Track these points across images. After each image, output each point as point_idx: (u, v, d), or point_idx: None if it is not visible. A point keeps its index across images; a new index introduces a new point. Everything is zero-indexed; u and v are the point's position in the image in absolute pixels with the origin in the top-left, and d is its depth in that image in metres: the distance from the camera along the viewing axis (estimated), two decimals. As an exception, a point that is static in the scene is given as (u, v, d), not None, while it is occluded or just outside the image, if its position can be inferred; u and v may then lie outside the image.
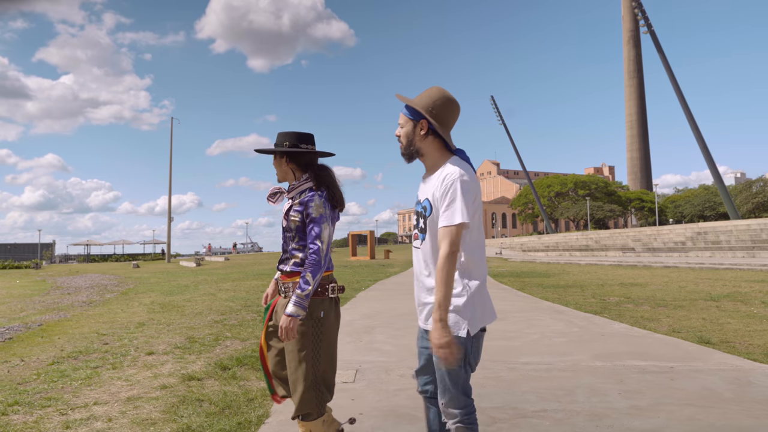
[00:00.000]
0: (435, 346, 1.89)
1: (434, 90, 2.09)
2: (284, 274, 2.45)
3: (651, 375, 4.01)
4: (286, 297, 2.43)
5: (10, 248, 65.87)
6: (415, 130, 2.09)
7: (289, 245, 2.44)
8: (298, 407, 2.33)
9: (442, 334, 1.87)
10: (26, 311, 12.28)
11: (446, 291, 1.91)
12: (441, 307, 1.90)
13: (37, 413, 3.49)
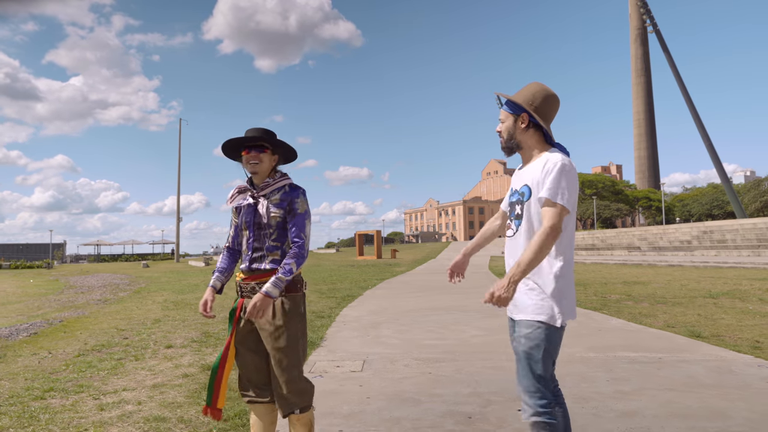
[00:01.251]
0: (493, 294, 1.87)
1: (534, 85, 2.15)
2: (258, 273, 2.40)
3: (639, 365, 4.28)
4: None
5: (22, 248, 66.78)
6: (516, 123, 2.13)
7: (266, 243, 2.41)
8: (302, 400, 2.35)
9: (508, 289, 1.86)
10: (43, 309, 12.69)
11: (533, 258, 1.88)
12: (521, 267, 1.87)
13: (72, 398, 3.81)
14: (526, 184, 2.08)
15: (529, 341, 1.98)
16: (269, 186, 2.46)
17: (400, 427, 3.01)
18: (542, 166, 2.03)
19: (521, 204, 2.09)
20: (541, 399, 1.96)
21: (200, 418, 3.25)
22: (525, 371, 1.99)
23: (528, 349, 1.98)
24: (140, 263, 43.32)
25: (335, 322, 7.16)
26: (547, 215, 1.95)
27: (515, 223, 2.12)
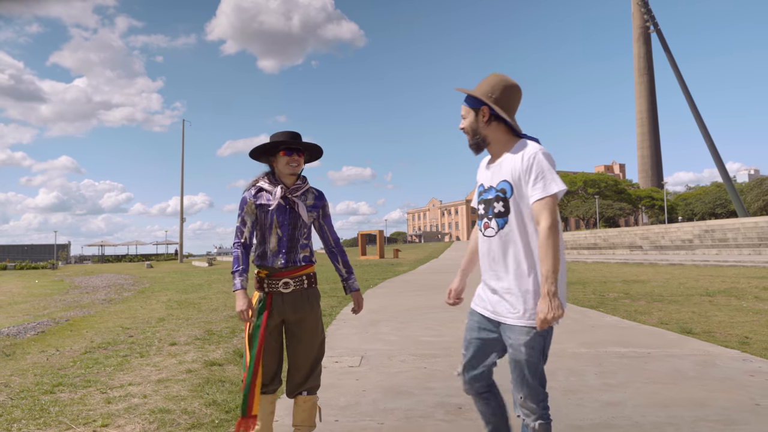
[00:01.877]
0: (542, 320, 1.84)
1: (492, 76, 2.08)
2: (293, 268, 2.56)
3: (628, 359, 4.42)
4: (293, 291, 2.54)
5: (27, 249, 67.21)
6: (478, 118, 2.07)
7: (299, 240, 2.60)
8: (315, 383, 2.60)
9: (554, 305, 1.83)
10: (50, 309, 12.88)
11: (554, 263, 1.85)
12: (549, 279, 1.84)
13: (80, 392, 3.97)
14: (504, 179, 2.03)
15: (530, 348, 1.95)
16: (300, 189, 2.62)
17: (394, 416, 3.16)
18: (521, 159, 1.97)
19: (504, 201, 2.02)
20: (544, 401, 2.00)
21: (203, 410, 3.40)
22: (528, 378, 1.98)
23: (530, 357, 1.95)
24: (144, 264, 43.57)
25: (336, 320, 7.30)
26: (543, 214, 1.91)
27: (496, 222, 2.04)
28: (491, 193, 2.07)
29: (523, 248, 1.99)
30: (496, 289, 2.06)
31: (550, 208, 1.90)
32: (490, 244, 2.08)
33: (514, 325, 1.98)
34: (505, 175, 2.02)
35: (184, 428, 3.08)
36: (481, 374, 2.17)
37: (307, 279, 2.61)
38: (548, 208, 1.91)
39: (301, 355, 2.58)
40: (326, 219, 2.74)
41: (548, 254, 1.86)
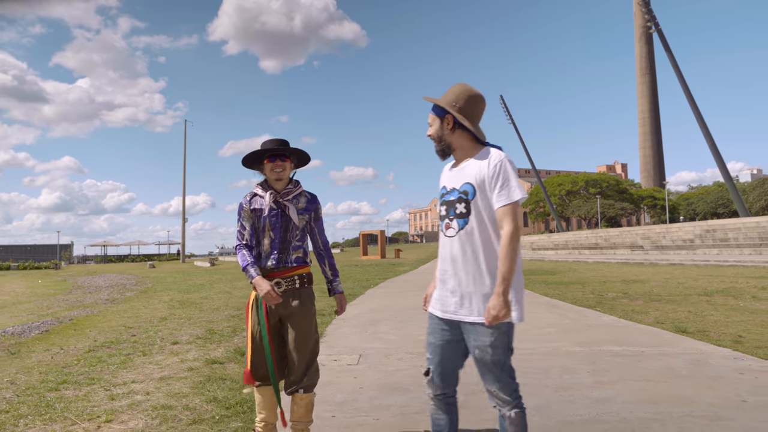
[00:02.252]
0: (492, 315, 1.94)
1: (457, 86, 2.19)
2: (284, 269, 2.68)
3: (621, 358, 4.50)
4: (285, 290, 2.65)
5: (30, 249, 67.48)
6: (443, 126, 2.18)
7: (292, 243, 2.72)
8: (311, 381, 2.65)
9: (504, 304, 1.94)
10: (53, 308, 12.99)
11: (511, 266, 1.97)
12: (506, 281, 1.95)
13: (84, 389, 4.07)
14: (468, 182, 2.10)
15: (495, 348, 2.02)
16: (291, 192, 2.76)
17: (389, 412, 3.24)
18: (487, 165, 2.06)
19: (466, 202, 2.10)
20: (516, 391, 2.09)
21: (204, 406, 3.49)
22: (497, 374, 2.05)
23: (495, 356, 2.03)
24: (146, 264, 43.74)
25: (336, 320, 7.39)
26: (506, 219, 2.01)
27: (458, 222, 2.11)
28: (454, 195, 2.15)
29: (483, 249, 2.07)
30: (456, 290, 2.12)
31: (512, 215, 2.01)
32: (451, 244, 2.14)
33: (477, 325, 2.05)
34: (469, 178, 2.11)
35: (185, 424, 3.17)
36: (449, 378, 2.21)
37: (299, 279, 2.70)
38: (510, 214, 2.02)
39: (294, 353, 2.66)
40: (317, 222, 2.83)
41: (507, 257, 1.97)
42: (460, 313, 2.10)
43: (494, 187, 2.05)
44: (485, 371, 2.09)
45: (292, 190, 2.76)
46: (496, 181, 2.04)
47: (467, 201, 2.10)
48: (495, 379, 2.06)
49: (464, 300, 2.09)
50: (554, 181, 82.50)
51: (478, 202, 2.08)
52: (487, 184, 2.06)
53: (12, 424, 3.25)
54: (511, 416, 2.07)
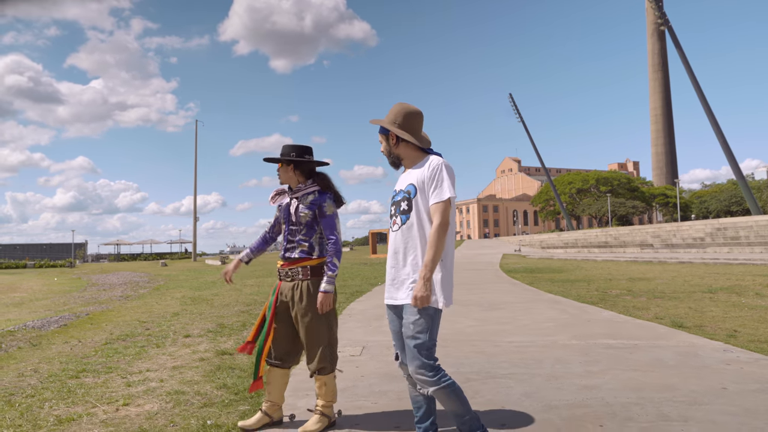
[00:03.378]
0: (415, 297, 2.22)
1: (396, 106, 2.53)
2: (290, 261, 2.98)
3: (614, 350, 4.66)
4: (292, 280, 2.96)
5: (46, 248, 68.64)
6: (389, 142, 2.53)
7: (296, 237, 2.99)
8: (317, 363, 2.89)
9: (425, 289, 2.22)
10: (69, 304, 13.37)
11: (435, 254, 2.25)
12: (428, 267, 2.24)
13: (103, 377, 4.32)
14: (411, 183, 2.44)
15: (416, 326, 2.30)
16: (301, 190, 3.04)
17: (387, 397, 3.45)
18: (428, 167, 2.41)
19: (408, 200, 2.43)
20: (435, 370, 2.30)
21: (214, 392, 3.72)
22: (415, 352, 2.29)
23: (416, 334, 2.29)
24: (159, 262, 44.34)
25: (342, 315, 7.60)
26: (436, 214, 2.32)
27: (401, 218, 2.44)
28: (400, 195, 2.50)
29: (420, 241, 2.38)
30: (396, 277, 2.42)
31: (441, 211, 2.32)
32: (395, 237, 2.47)
33: (406, 305, 2.36)
34: (412, 180, 2.45)
35: (197, 407, 3.40)
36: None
37: (302, 271, 2.95)
38: (440, 210, 2.32)
39: (303, 339, 2.96)
40: (323, 219, 2.99)
41: (432, 247, 2.27)
42: (398, 297, 2.42)
43: (430, 186, 2.37)
44: (408, 350, 2.34)
45: (302, 188, 3.04)
46: (432, 182, 2.37)
47: (409, 199, 2.43)
48: (414, 357, 2.30)
49: (402, 285, 2.40)
50: (564, 180, 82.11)
51: (418, 200, 2.40)
52: (426, 184, 2.39)
53: (38, 407, 3.50)
54: (428, 393, 2.31)
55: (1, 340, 6.66)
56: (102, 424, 3.11)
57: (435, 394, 2.30)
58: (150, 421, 3.14)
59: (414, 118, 2.50)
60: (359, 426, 2.98)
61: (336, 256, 2.95)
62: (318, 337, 2.92)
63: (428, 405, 2.49)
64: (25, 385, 4.13)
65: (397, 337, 2.50)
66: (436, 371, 2.30)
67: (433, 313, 2.32)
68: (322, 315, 2.93)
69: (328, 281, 2.90)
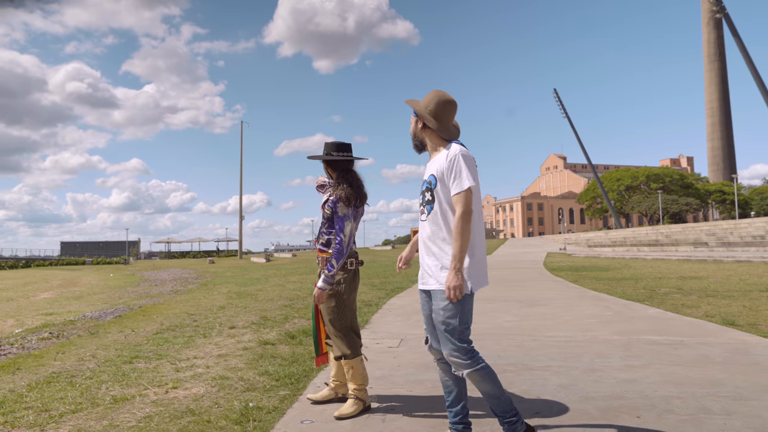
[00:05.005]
0: (448, 288, 2.27)
1: (432, 92, 2.56)
2: (319, 251, 3.21)
3: (658, 346, 4.53)
4: (319, 267, 3.22)
5: (102, 246, 72.37)
6: (417, 125, 2.59)
7: (321, 228, 3.19)
8: (342, 352, 3.09)
9: (456, 279, 2.27)
10: (124, 298, 14.09)
11: (462, 244, 2.29)
12: (457, 257, 2.29)
13: (154, 363, 4.57)
14: (432, 174, 2.48)
15: (446, 311, 2.35)
16: (329, 187, 3.22)
17: (422, 386, 3.50)
18: (446, 158, 2.43)
19: (431, 191, 2.48)
20: (468, 353, 2.35)
21: (257, 378, 3.88)
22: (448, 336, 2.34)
23: (446, 319, 2.34)
24: (206, 259, 45.83)
25: (381, 309, 7.70)
26: (458, 205, 2.35)
27: (427, 208, 2.50)
28: (424, 186, 2.55)
29: (445, 230, 2.43)
30: (427, 264, 2.48)
31: (463, 201, 2.34)
32: (423, 227, 2.54)
33: (435, 290, 2.41)
34: (433, 170, 2.49)
35: (240, 391, 3.56)
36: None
37: (320, 262, 3.19)
38: (461, 201, 2.35)
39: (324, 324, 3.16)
40: (335, 218, 3.08)
41: (457, 238, 2.31)
42: (427, 283, 2.47)
43: (450, 177, 2.41)
44: (440, 334, 2.39)
45: (330, 185, 3.22)
46: (451, 172, 2.40)
47: (432, 190, 2.48)
48: (446, 341, 2.36)
49: (432, 272, 2.45)
50: (612, 176, 79.50)
51: (439, 190, 2.45)
52: (445, 175, 2.42)
53: (96, 388, 3.75)
54: (463, 375, 2.36)
55: (64, 328, 7.12)
56: (153, 404, 3.31)
57: (469, 376, 2.34)
58: (196, 403, 3.31)
59: (446, 107, 2.52)
60: (393, 411, 3.04)
61: (336, 257, 3.02)
62: (331, 326, 3.10)
63: (459, 390, 2.53)
64: (85, 368, 4.42)
65: (428, 321, 2.57)
66: (470, 354, 2.36)
67: (461, 297, 2.34)
68: (331, 306, 3.07)
69: (324, 279, 3.02)
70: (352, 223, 3.10)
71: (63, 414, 3.18)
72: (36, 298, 17.27)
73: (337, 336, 3.09)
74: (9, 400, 3.53)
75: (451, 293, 2.28)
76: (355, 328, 3.18)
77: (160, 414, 3.11)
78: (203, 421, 2.96)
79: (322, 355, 3.32)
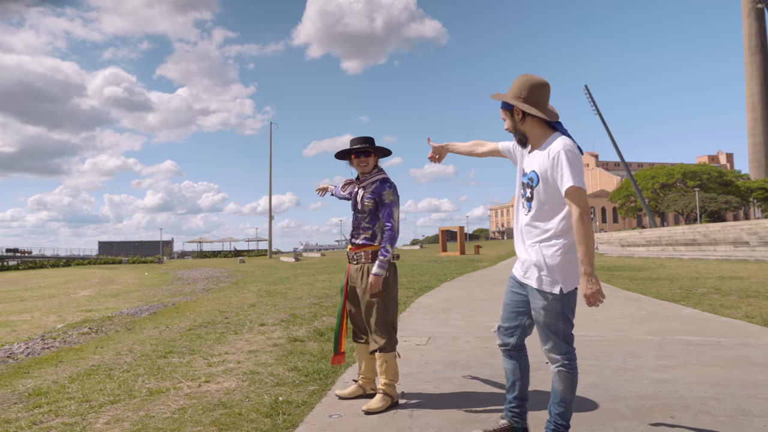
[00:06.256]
0: (584, 294, 2.15)
1: (519, 78, 2.35)
2: (356, 246, 3.21)
3: (694, 346, 4.40)
4: (357, 263, 3.19)
5: (138, 245, 74.51)
6: (514, 118, 2.36)
7: (361, 224, 3.20)
8: (377, 342, 3.09)
9: (590, 284, 2.13)
10: (158, 296, 14.47)
11: (587, 247, 2.13)
12: (585, 261, 2.14)
13: (187, 357, 4.69)
14: (534, 170, 2.33)
15: (547, 311, 2.28)
16: (367, 180, 3.23)
17: (450, 384, 3.49)
18: (548, 155, 2.26)
19: (531, 188, 2.35)
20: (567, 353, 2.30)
21: (286, 373, 3.94)
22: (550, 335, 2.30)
23: (547, 319, 2.28)
24: (237, 259, 46.68)
25: (409, 308, 7.70)
26: (572, 205, 2.17)
27: (527, 204, 2.38)
28: (525, 179, 2.42)
29: (542, 228, 2.32)
30: (524, 259, 2.40)
31: (577, 199, 2.17)
32: (520, 219, 2.44)
33: (534, 290, 2.34)
34: (534, 166, 2.34)
35: (269, 385, 3.62)
36: (512, 332, 2.48)
37: (365, 255, 3.17)
38: (573, 200, 2.18)
39: (366, 320, 3.15)
40: (381, 207, 3.16)
41: (581, 240, 2.15)
42: (527, 280, 2.38)
43: (555, 176, 2.24)
44: (539, 331, 2.36)
45: (368, 177, 3.23)
46: (555, 170, 2.23)
47: (531, 187, 2.35)
48: (547, 338, 2.32)
49: (529, 268, 2.35)
50: (647, 174, 77.34)
51: (540, 189, 2.31)
52: (548, 174, 2.26)
53: (132, 381, 3.88)
54: (554, 371, 2.33)
55: (102, 324, 7.37)
56: (186, 397, 3.40)
57: (558, 373, 2.32)
58: (228, 396, 3.38)
59: (540, 89, 2.32)
60: (421, 407, 3.05)
61: (389, 242, 3.09)
62: (376, 317, 3.09)
63: (520, 378, 2.50)
64: (122, 362, 4.57)
65: (507, 309, 2.50)
66: (569, 354, 2.32)
67: (560, 297, 2.28)
68: (380, 297, 3.08)
69: (380, 265, 3.05)
70: (399, 209, 3.18)
71: (102, 404, 3.30)
72: (76, 296, 17.92)
73: (380, 328, 3.09)
74: (53, 390, 3.69)
75: (590, 301, 2.14)
76: (395, 323, 3.19)
77: (193, 406, 3.19)
78: (234, 413, 3.03)
79: (339, 354, 3.32)
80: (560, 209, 2.29)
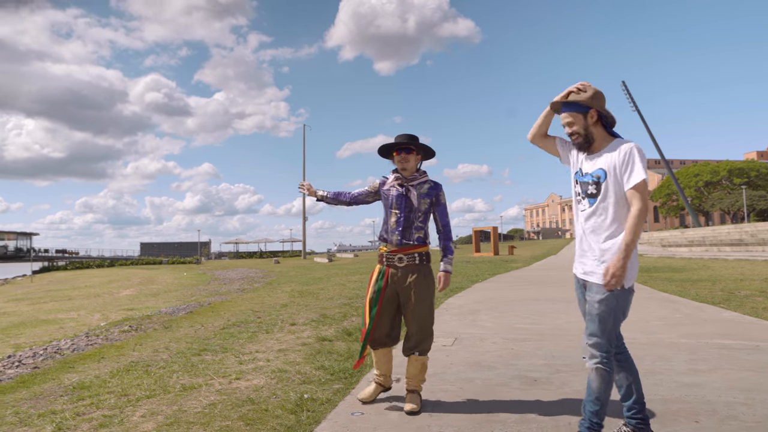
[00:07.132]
0: (609, 273, 2.23)
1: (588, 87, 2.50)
2: (406, 246, 3.12)
3: (729, 350, 4.27)
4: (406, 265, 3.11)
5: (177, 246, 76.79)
6: (587, 120, 2.47)
7: (414, 223, 3.15)
8: (425, 346, 3.10)
9: (622, 267, 2.23)
10: (196, 296, 14.91)
11: (633, 238, 2.26)
12: (626, 249, 2.25)
13: (220, 355, 4.85)
14: (601, 168, 2.43)
15: (602, 305, 2.34)
16: (417, 179, 3.21)
17: (473, 385, 3.51)
18: (619, 152, 2.38)
19: (597, 185, 2.43)
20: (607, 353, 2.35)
21: (313, 372, 4.04)
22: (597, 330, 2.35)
23: (601, 313, 2.35)
24: (272, 260, 47.48)
25: (439, 309, 7.71)
26: (634, 199, 2.30)
27: (588, 201, 2.47)
28: (588, 178, 2.49)
29: (607, 223, 2.40)
30: (585, 254, 2.48)
31: (640, 195, 2.30)
32: (581, 218, 2.52)
33: (593, 283, 2.40)
34: (602, 164, 2.44)
35: (297, 383, 3.73)
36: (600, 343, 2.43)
37: (419, 256, 3.15)
38: (638, 194, 2.31)
39: (412, 321, 3.12)
40: (438, 207, 3.23)
41: (631, 231, 2.27)
42: (585, 272, 2.47)
43: (623, 172, 2.36)
44: (588, 324, 2.40)
45: (417, 177, 3.22)
46: (626, 166, 2.36)
47: (598, 184, 2.43)
48: (594, 334, 2.36)
49: (588, 264, 2.45)
50: (689, 172, 74.62)
51: (608, 184, 2.40)
52: (618, 169, 2.38)
53: (168, 377, 4.06)
54: (589, 367, 2.38)
55: (141, 322, 7.69)
56: (217, 393, 3.54)
57: (596, 370, 2.36)
58: (256, 393, 3.51)
59: (603, 97, 2.50)
60: (441, 407, 3.08)
61: (451, 240, 3.24)
62: (428, 319, 3.12)
63: (629, 384, 2.51)
64: (159, 359, 4.78)
65: (581, 305, 2.57)
66: (608, 353, 2.36)
67: (618, 293, 2.34)
68: (430, 299, 3.11)
69: (449, 262, 3.15)
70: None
71: (139, 399, 3.48)
72: (119, 295, 18.66)
73: (426, 330, 3.11)
74: (95, 384, 3.90)
75: (610, 279, 2.24)
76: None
77: (223, 402, 3.33)
78: (261, 409, 3.14)
79: (362, 358, 3.33)
80: (622, 207, 2.38)
